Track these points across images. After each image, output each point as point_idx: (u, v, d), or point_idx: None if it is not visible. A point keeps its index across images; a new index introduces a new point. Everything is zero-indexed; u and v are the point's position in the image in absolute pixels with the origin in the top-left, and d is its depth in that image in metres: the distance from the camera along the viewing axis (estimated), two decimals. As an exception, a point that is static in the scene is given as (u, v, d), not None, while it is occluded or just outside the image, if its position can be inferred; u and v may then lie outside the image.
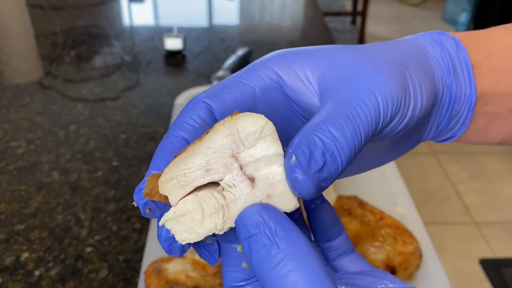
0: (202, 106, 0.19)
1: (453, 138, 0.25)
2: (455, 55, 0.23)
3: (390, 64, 0.20)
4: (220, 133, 0.17)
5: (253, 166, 0.18)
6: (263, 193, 0.17)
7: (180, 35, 0.92)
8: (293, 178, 0.17)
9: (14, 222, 0.53)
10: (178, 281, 0.43)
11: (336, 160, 0.17)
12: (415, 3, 3.44)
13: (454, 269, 1.36)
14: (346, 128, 0.17)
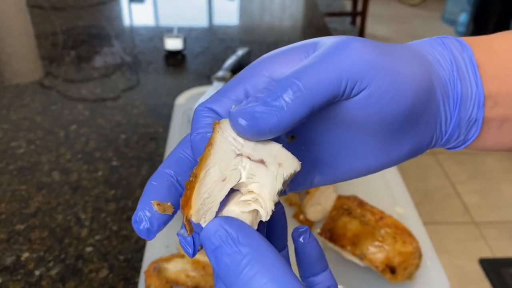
0: (207, 110, 0.21)
1: (466, 143, 0.24)
2: (459, 54, 0.23)
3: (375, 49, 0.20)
4: (216, 144, 0.19)
5: (256, 150, 0.19)
6: (275, 166, 0.19)
7: (180, 35, 0.92)
8: (231, 116, 0.19)
9: (14, 222, 0.54)
10: (178, 281, 0.43)
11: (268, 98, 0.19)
12: (414, 3, 3.44)
13: (454, 268, 1.36)
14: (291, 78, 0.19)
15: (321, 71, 0.19)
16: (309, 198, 0.51)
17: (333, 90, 0.19)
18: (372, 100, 0.20)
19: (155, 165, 0.63)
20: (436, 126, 0.23)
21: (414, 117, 0.21)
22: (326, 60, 0.19)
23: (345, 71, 0.19)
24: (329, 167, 0.24)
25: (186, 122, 0.69)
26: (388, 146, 0.23)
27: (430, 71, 0.22)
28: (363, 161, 0.24)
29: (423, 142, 0.23)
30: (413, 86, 0.20)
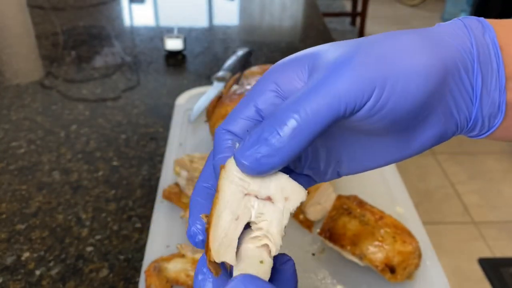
0: (225, 133, 0.22)
1: (492, 129, 0.23)
2: (481, 35, 0.22)
3: (370, 55, 0.20)
4: (223, 190, 0.20)
5: (262, 186, 0.21)
6: (281, 202, 0.21)
7: (181, 36, 0.92)
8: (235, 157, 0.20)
9: (15, 222, 0.54)
10: (178, 280, 0.43)
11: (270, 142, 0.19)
12: (414, 4, 3.44)
13: (453, 268, 1.36)
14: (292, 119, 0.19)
15: (317, 99, 0.19)
16: (309, 198, 0.51)
17: (332, 116, 0.19)
18: (376, 109, 0.20)
19: (155, 165, 0.63)
20: (457, 112, 0.22)
21: (427, 108, 0.21)
22: (321, 87, 0.19)
23: (341, 95, 0.19)
24: (351, 163, 0.24)
25: (186, 122, 0.69)
26: (407, 139, 0.23)
27: (445, 58, 0.21)
28: (384, 156, 0.24)
29: (446, 129, 0.23)
30: (419, 81, 0.20)
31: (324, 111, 0.19)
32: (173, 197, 0.53)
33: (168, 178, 0.57)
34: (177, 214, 0.52)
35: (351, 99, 0.19)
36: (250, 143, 0.20)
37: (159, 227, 0.51)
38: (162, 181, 0.57)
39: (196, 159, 0.55)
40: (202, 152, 0.61)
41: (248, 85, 0.63)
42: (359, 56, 0.20)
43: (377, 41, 0.21)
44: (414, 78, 0.20)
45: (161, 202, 0.54)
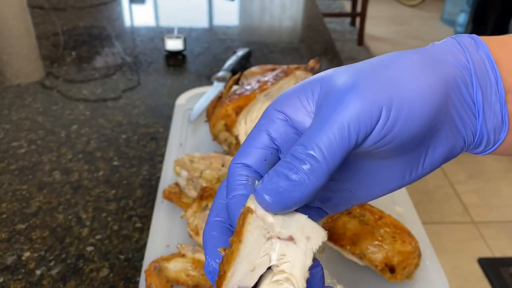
0: (240, 167, 0.22)
1: (497, 144, 0.24)
2: (475, 51, 0.23)
3: (373, 79, 0.20)
4: (248, 234, 0.19)
5: (284, 226, 0.20)
6: (303, 241, 0.20)
7: (181, 36, 0.93)
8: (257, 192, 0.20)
9: (15, 222, 0.54)
10: (178, 280, 0.43)
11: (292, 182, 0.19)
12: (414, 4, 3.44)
13: (453, 268, 1.36)
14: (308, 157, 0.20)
15: (329, 134, 0.20)
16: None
17: (346, 147, 0.20)
18: (385, 132, 0.20)
19: (155, 165, 0.63)
20: (463, 127, 0.23)
21: (434, 125, 0.21)
22: (330, 120, 0.20)
23: (350, 125, 0.20)
24: (364, 191, 0.24)
25: (187, 122, 0.69)
26: (418, 159, 0.23)
27: (445, 76, 0.22)
28: (396, 179, 0.24)
29: (455, 145, 0.23)
30: (424, 103, 0.20)
31: (338, 145, 0.19)
32: (173, 197, 0.53)
33: (168, 178, 0.57)
34: (177, 214, 0.52)
35: (360, 126, 0.20)
36: (271, 178, 0.20)
37: (159, 227, 0.51)
38: (162, 181, 0.57)
39: (196, 159, 0.55)
40: (202, 152, 0.61)
41: (248, 85, 0.63)
42: (363, 82, 0.20)
43: (379, 65, 0.21)
44: (419, 97, 0.20)
45: (161, 202, 0.54)
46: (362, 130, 0.20)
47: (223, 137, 0.60)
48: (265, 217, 0.20)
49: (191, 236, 0.48)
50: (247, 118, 0.60)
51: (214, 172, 0.53)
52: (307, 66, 0.65)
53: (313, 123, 0.21)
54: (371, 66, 0.21)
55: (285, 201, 0.19)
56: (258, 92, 0.60)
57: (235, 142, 0.59)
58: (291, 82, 0.62)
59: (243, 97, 0.60)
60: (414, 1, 3.44)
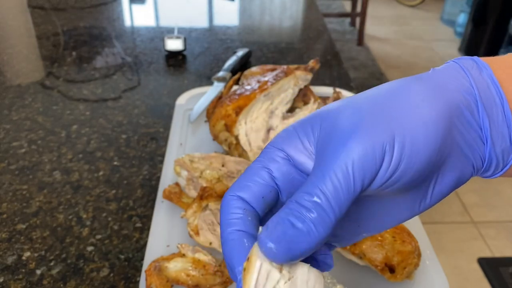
0: (236, 200, 0.21)
1: (507, 167, 0.23)
2: (478, 74, 0.22)
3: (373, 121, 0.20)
4: None
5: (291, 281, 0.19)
6: None
7: (181, 36, 0.93)
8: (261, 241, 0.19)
9: (15, 222, 0.54)
10: (179, 280, 0.43)
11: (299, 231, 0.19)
12: (414, 4, 3.45)
13: (453, 268, 1.36)
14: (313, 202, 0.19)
15: (334, 181, 0.19)
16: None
17: (352, 194, 0.19)
18: (390, 171, 0.20)
19: (155, 165, 0.63)
20: (471, 153, 0.22)
21: (441, 155, 0.21)
22: (335, 167, 0.19)
23: (355, 171, 0.19)
24: (372, 225, 0.24)
25: (187, 122, 0.69)
26: (426, 189, 0.22)
27: (449, 103, 0.21)
28: (405, 211, 0.23)
29: (464, 172, 0.22)
30: (427, 135, 0.20)
31: (344, 192, 0.19)
32: (174, 197, 0.53)
33: (169, 178, 0.57)
34: (178, 213, 0.53)
35: (365, 171, 0.19)
36: (276, 225, 0.19)
37: (160, 226, 0.51)
38: (163, 181, 0.57)
39: (197, 159, 0.55)
40: (202, 152, 0.61)
41: (248, 85, 0.63)
42: (364, 124, 0.20)
43: (381, 100, 0.21)
44: (422, 130, 0.20)
45: (161, 202, 0.54)
46: (367, 175, 0.19)
47: (223, 137, 0.60)
48: (271, 273, 0.19)
49: (191, 236, 0.48)
50: (247, 118, 0.60)
51: (214, 172, 0.53)
52: (307, 66, 0.65)
53: (317, 168, 0.20)
54: (372, 102, 0.21)
55: (292, 252, 0.19)
56: (258, 92, 0.60)
57: (235, 142, 0.59)
58: (291, 82, 0.62)
59: (243, 97, 0.60)
60: (414, 1, 3.44)
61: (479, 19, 2.61)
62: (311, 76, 0.64)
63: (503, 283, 1.30)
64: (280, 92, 0.62)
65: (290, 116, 0.61)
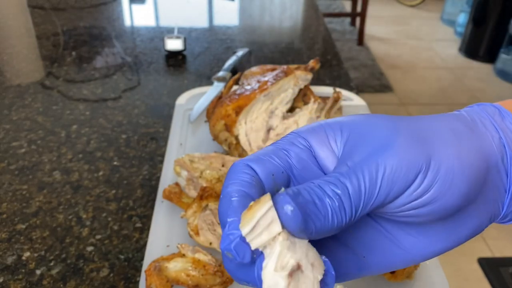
0: (247, 167, 0.20)
1: None
2: (502, 121, 0.22)
3: (411, 139, 0.20)
4: None
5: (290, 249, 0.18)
6: (309, 268, 0.18)
7: (181, 36, 0.93)
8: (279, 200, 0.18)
9: (15, 222, 0.54)
10: (178, 280, 0.43)
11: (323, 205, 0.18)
12: (414, 4, 3.45)
13: (453, 268, 1.36)
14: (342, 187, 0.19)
15: (360, 181, 0.19)
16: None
17: (374, 200, 0.19)
18: (419, 193, 0.19)
19: (155, 165, 0.63)
20: (493, 204, 0.21)
21: (470, 198, 0.20)
22: (363, 167, 0.19)
23: (386, 179, 0.19)
24: (379, 260, 0.22)
25: (187, 122, 0.69)
26: (445, 233, 0.22)
27: (486, 149, 0.21)
28: (419, 251, 0.22)
29: (483, 221, 0.22)
30: (463, 172, 0.19)
31: (367, 195, 0.19)
32: (174, 197, 0.53)
33: (169, 178, 0.57)
34: (178, 214, 0.52)
35: (394, 184, 0.19)
36: (301, 194, 0.18)
37: (160, 226, 0.51)
38: (163, 181, 0.57)
39: (197, 159, 0.55)
40: (202, 152, 0.61)
41: (248, 85, 0.63)
42: (401, 139, 0.19)
43: (417, 123, 0.21)
44: (458, 165, 0.19)
45: (161, 202, 0.54)
46: (394, 188, 0.19)
47: (223, 137, 0.60)
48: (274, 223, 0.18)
49: (191, 236, 0.48)
50: (247, 118, 0.60)
51: (214, 172, 0.53)
52: (307, 66, 0.65)
53: (343, 165, 0.19)
54: (407, 124, 0.20)
55: (306, 224, 0.18)
56: (258, 92, 0.60)
57: (235, 142, 0.59)
58: (291, 82, 0.62)
59: (243, 97, 0.60)
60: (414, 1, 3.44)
61: (479, 19, 2.61)
62: (311, 76, 0.64)
63: (503, 283, 1.30)
64: (280, 92, 0.62)
65: (290, 116, 0.61)
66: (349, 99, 0.76)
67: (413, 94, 2.33)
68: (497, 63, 2.53)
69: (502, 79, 2.49)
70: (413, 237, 0.22)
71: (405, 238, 0.22)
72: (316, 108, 0.62)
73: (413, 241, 0.22)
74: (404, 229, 0.22)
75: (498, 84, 2.45)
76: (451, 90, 2.38)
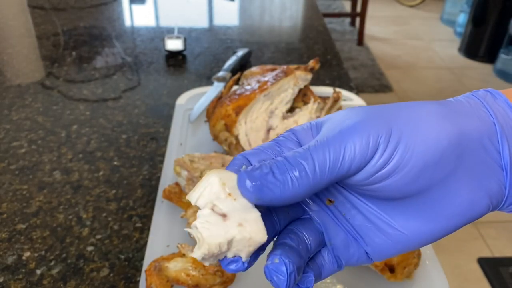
0: (242, 160, 0.23)
1: None
2: (493, 101, 0.22)
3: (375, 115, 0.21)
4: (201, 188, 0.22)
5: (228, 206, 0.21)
6: (233, 224, 0.21)
7: (181, 36, 0.93)
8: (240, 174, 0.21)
9: (16, 222, 0.54)
10: (178, 280, 0.43)
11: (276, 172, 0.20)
12: (413, 4, 3.45)
13: (453, 268, 1.37)
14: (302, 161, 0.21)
15: (325, 153, 0.20)
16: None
17: (333, 172, 0.20)
18: (379, 166, 0.20)
19: (156, 165, 0.63)
20: (487, 180, 0.21)
21: (441, 169, 0.21)
22: (329, 142, 0.21)
23: (345, 152, 0.20)
24: (377, 241, 0.23)
25: (187, 122, 0.69)
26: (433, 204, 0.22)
27: (463, 126, 0.21)
28: (411, 225, 0.23)
29: (475, 198, 0.22)
30: (427, 144, 0.20)
31: (330, 166, 0.20)
32: (174, 197, 0.53)
33: (169, 178, 0.57)
34: (178, 213, 0.53)
35: (352, 154, 0.20)
36: (260, 167, 0.21)
37: (160, 226, 0.51)
38: (163, 181, 0.57)
39: (196, 159, 0.55)
40: (202, 152, 0.61)
41: (248, 85, 0.63)
42: (364, 118, 0.21)
43: (389, 108, 0.22)
44: (422, 137, 0.20)
45: (161, 201, 0.54)
46: (356, 159, 0.20)
47: (223, 137, 0.60)
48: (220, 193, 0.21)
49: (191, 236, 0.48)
50: (247, 118, 0.60)
51: (214, 172, 0.53)
52: (307, 66, 0.65)
53: (313, 141, 0.21)
54: (379, 107, 0.22)
55: (262, 194, 0.20)
56: (258, 92, 0.60)
57: (235, 142, 0.59)
58: (291, 82, 0.62)
59: (243, 97, 0.60)
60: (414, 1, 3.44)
61: (479, 19, 2.61)
62: (311, 76, 0.64)
63: (503, 283, 1.30)
64: (280, 92, 0.62)
65: (290, 116, 0.61)
66: (349, 99, 0.76)
67: (413, 94, 2.33)
68: (496, 63, 2.53)
69: (501, 79, 2.49)
70: (395, 219, 0.23)
71: (394, 219, 0.23)
72: (316, 108, 0.62)
73: (403, 222, 0.23)
74: (384, 208, 0.23)
75: (498, 84, 2.45)
76: (450, 90, 2.38)
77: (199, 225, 0.21)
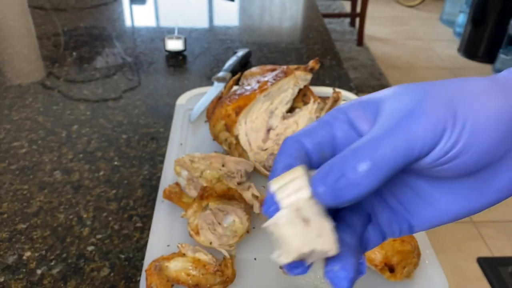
0: (295, 143, 0.23)
1: None
2: None
3: (437, 99, 0.21)
4: None
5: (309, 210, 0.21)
6: (314, 233, 0.21)
7: (181, 36, 0.93)
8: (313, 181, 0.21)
9: (16, 221, 0.54)
10: (179, 279, 0.43)
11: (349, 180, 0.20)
12: (413, 5, 3.45)
13: (452, 267, 1.37)
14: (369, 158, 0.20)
15: (392, 142, 0.20)
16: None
17: (405, 157, 0.20)
18: (447, 149, 0.20)
19: (156, 165, 0.63)
20: None
21: (499, 149, 0.21)
22: (395, 130, 0.20)
23: (414, 137, 0.20)
24: (423, 214, 0.24)
25: (187, 122, 0.69)
26: (481, 185, 0.22)
27: None
28: (458, 201, 0.23)
29: None
30: (490, 124, 0.20)
31: (400, 154, 0.20)
32: (174, 197, 0.53)
33: (169, 178, 0.57)
34: (178, 213, 0.53)
35: (423, 140, 0.20)
36: (330, 170, 0.20)
37: (160, 226, 0.51)
38: (163, 180, 0.57)
39: (197, 159, 0.55)
40: (202, 152, 0.61)
41: (248, 85, 0.63)
42: (427, 100, 0.21)
43: (446, 84, 0.22)
44: (485, 118, 0.20)
45: (161, 201, 0.54)
46: (426, 144, 0.20)
47: (223, 137, 0.60)
48: (303, 190, 0.21)
49: (192, 235, 0.48)
50: (247, 118, 0.60)
51: (214, 172, 0.54)
52: (307, 66, 0.65)
53: (377, 129, 0.21)
54: (437, 85, 0.22)
55: (339, 198, 0.20)
56: (258, 92, 0.60)
57: (235, 142, 0.60)
58: (290, 82, 0.63)
59: (243, 97, 0.60)
60: (413, 1, 3.45)
61: (478, 19, 2.61)
62: (311, 76, 0.65)
63: (503, 283, 1.30)
64: (280, 92, 0.62)
65: (290, 116, 0.61)
66: (349, 99, 0.76)
67: (413, 94, 2.32)
68: (496, 63, 2.53)
69: (501, 79, 2.49)
70: (447, 195, 0.23)
71: (445, 191, 0.23)
72: (316, 108, 0.62)
73: (454, 194, 0.23)
74: (436, 186, 0.23)
75: (498, 84, 2.45)
76: (450, 90, 2.37)
77: (285, 229, 0.20)
